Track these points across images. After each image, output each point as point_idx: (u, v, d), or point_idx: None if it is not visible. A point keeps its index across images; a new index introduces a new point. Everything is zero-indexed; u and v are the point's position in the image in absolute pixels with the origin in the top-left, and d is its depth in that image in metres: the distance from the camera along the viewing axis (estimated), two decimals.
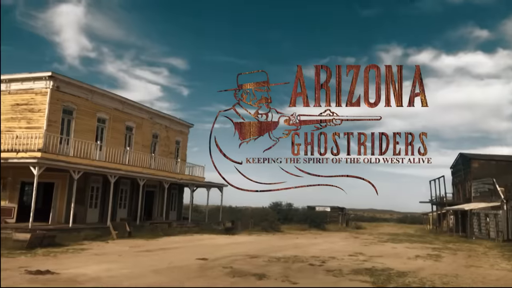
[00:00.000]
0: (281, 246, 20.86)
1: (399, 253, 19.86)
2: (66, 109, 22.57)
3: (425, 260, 16.95)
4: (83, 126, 23.47)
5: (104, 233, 20.40)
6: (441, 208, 47.00)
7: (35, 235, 15.31)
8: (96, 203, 24.39)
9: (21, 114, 21.84)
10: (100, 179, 24.23)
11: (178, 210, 33.55)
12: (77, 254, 14.25)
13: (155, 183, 29.30)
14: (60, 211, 22.06)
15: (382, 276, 11.93)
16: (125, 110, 27.03)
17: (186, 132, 34.84)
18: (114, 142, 25.66)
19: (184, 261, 13.69)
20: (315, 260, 15.30)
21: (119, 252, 15.46)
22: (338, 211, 53.73)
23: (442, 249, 22.90)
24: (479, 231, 35.64)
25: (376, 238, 31.68)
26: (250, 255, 16.14)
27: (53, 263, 11.75)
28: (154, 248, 17.37)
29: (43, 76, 21.64)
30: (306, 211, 49.38)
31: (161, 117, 31.26)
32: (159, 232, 23.65)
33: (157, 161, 29.25)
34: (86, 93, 23.80)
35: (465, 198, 42.79)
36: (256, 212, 43.11)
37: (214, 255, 15.67)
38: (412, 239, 31.91)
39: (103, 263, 12.31)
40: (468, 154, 45.00)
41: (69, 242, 16.97)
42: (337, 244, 24.25)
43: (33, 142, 20.47)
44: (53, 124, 21.60)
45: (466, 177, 43.14)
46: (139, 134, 28.46)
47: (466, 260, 17.61)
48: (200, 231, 27.84)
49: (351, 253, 18.64)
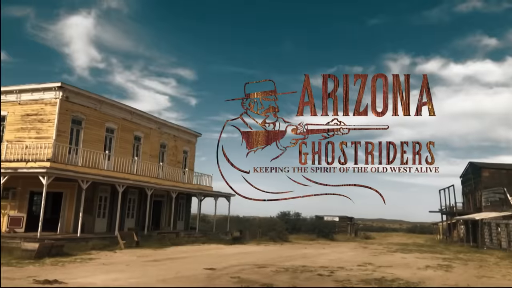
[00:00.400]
0: (289, 256, 20.70)
1: (409, 263, 19.61)
2: (75, 119, 22.77)
3: (436, 270, 16.70)
4: (91, 136, 23.64)
5: (112, 242, 20.43)
6: (451, 217, 46.46)
7: (43, 244, 15.35)
8: (104, 213, 24.45)
9: (31, 124, 22.07)
10: (108, 189, 24.33)
11: (186, 219, 33.51)
12: (85, 264, 14.26)
13: (162, 193, 29.34)
14: (69, 221, 22.14)
15: (391, 286, 11.77)
16: (133, 120, 27.20)
17: (193, 141, 34.93)
18: (122, 151, 25.80)
19: (192, 270, 13.63)
20: (323, 270, 15.15)
21: (126, 261, 15.45)
22: (346, 221, 53.37)
23: (453, 259, 22.58)
24: (490, 241, 35.12)
25: (385, 248, 31.35)
26: (258, 264, 16.04)
27: (61, 273, 11.76)
28: (161, 257, 17.33)
29: (52, 87, 21.88)
30: (314, 221, 49.12)
31: (169, 127, 31.40)
32: (166, 242, 23.62)
33: (165, 170, 29.32)
34: (95, 103, 24.02)
35: (475, 207, 42.28)
36: (264, 222, 42.91)
37: (222, 264, 15.59)
38: (422, 249, 31.53)
39: (110, 273, 12.30)
40: (478, 163, 44.53)
41: (77, 252, 17.00)
42: (345, 254, 24.02)
43: (42, 152, 20.64)
44: (62, 134, 21.78)
45: (476, 186, 42.67)
46: (147, 144, 28.60)
47: (478, 271, 17.32)
48: (207, 241, 27.77)
49: (360, 263, 18.44)
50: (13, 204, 22.08)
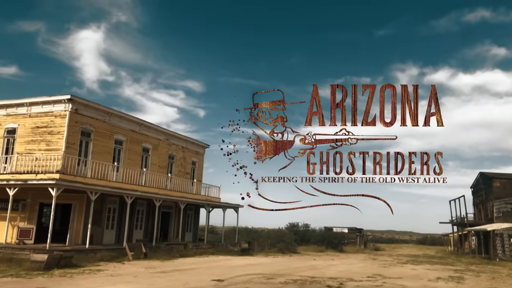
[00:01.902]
0: (297, 268, 20.51)
1: (419, 274, 19.32)
2: (84, 131, 22.96)
3: (447, 282, 16.43)
4: (100, 147, 23.80)
5: (120, 254, 20.42)
6: (462, 228, 45.84)
7: (52, 256, 15.39)
8: (113, 224, 24.48)
9: (41, 137, 22.29)
10: (117, 200, 24.40)
11: (194, 231, 33.44)
12: (93, 275, 14.25)
13: (171, 204, 29.35)
14: (77, 232, 22.21)
15: None
16: (142, 132, 27.37)
17: (201, 152, 35.01)
18: (130, 163, 25.92)
19: (200, 282, 13.55)
20: (332, 281, 14.98)
21: (134, 273, 15.41)
22: (356, 232, 52.85)
23: (465, 271, 22.22)
24: (503, 252, 34.53)
25: (395, 259, 30.96)
26: (266, 276, 15.91)
27: (69, 284, 11.76)
28: (169, 269, 17.27)
29: (62, 99, 22.13)
30: (323, 232, 48.73)
31: (177, 138, 31.53)
32: (174, 253, 23.56)
33: (173, 181, 29.37)
34: (103, 115, 24.22)
35: (487, 218, 41.69)
36: (273, 233, 42.69)
37: (230, 276, 15.49)
38: (432, 260, 31.08)
39: (118, 284, 12.27)
40: (488, 173, 44.03)
41: (86, 263, 17.01)
42: (355, 265, 23.74)
43: (52, 163, 20.80)
44: (72, 146, 21.96)
45: (487, 196, 42.12)
46: (155, 155, 28.71)
47: (490, 282, 17.01)
48: (216, 252, 27.64)
49: (369, 274, 18.21)
50: (22, 216, 22.21)
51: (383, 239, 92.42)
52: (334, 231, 50.23)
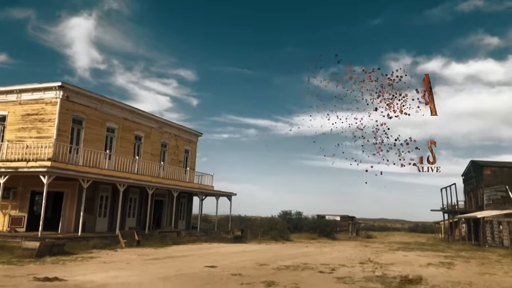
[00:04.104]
0: (290, 254, 20.65)
1: (411, 261, 19.54)
2: (75, 118, 22.76)
3: (438, 268, 16.64)
4: (92, 135, 23.63)
5: (113, 241, 20.41)
6: (453, 216, 46.36)
7: (44, 243, 15.32)
8: (105, 212, 24.43)
9: (31, 124, 22.06)
10: (109, 188, 24.31)
11: (187, 219, 33.48)
12: (85, 262, 14.23)
13: (164, 192, 29.32)
14: (70, 220, 22.14)
15: (393, 284, 11.71)
16: (134, 120, 27.19)
17: (194, 141, 34.91)
18: (123, 151, 25.80)
19: (193, 268, 13.59)
20: (325, 267, 15.10)
21: (127, 260, 15.41)
22: (348, 220, 53.30)
23: (455, 257, 22.51)
24: (492, 239, 35.03)
25: (387, 246, 31.28)
26: (259, 263, 15.99)
27: (61, 271, 11.73)
28: (162, 256, 17.29)
29: (53, 86, 21.88)
30: (315, 220, 49.03)
31: (170, 126, 31.38)
32: (168, 241, 23.59)
33: (166, 170, 29.31)
34: (95, 102, 24.00)
35: (477, 206, 42.18)
36: (266, 221, 42.85)
37: (223, 262, 15.55)
38: (423, 247, 31.45)
39: (111, 271, 12.26)
40: (479, 161, 44.44)
41: (78, 251, 16.98)
42: (347, 252, 23.96)
43: (43, 151, 20.64)
44: (63, 133, 21.77)
45: (478, 184, 42.57)
46: (148, 143, 28.58)
47: (480, 268, 17.26)
48: (209, 240, 27.73)
49: (361, 261, 18.39)
50: (14, 204, 22.09)
51: (375, 227, 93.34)
52: (327, 219, 50.60)
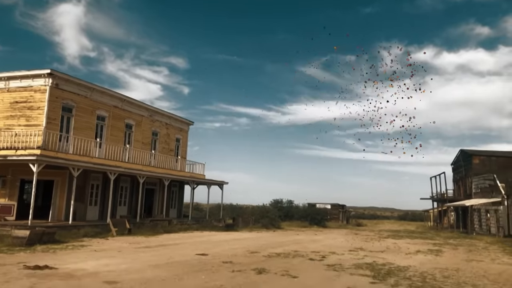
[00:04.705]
0: (281, 242, 20.81)
1: (400, 248, 19.81)
2: (65, 106, 22.52)
3: (426, 255, 16.90)
4: (82, 123, 23.43)
5: (104, 230, 20.38)
6: (442, 204, 46.95)
7: (34, 231, 15.26)
8: (96, 201, 24.36)
9: (20, 112, 21.79)
10: (100, 177, 24.20)
11: (179, 207, 33.52)
12: (76, 251, 14.21)
13: (155, 181, 29.27)
14: (60, 209, 22.03)
15: (382, 270, 11.88)
16: (124, 108, 26.98)
17: (186, 129, 34.79)
18: (113, 139, 25.63)
19: (184, 256, 13.64)
20: (315, 255, 15.25)
21: (118, 248, 15.42)
22: (338, 209, 53.74)
23: (443, 244, 22.86)
24: (479, 227, 35.59)
25: (377, 234, 31.64)
26: (250, 250, 16.10)
27: (51, 259, 11.71)
28: (154, 244, 17.32)
29: (42, 74, 21.58)
30: (306, 208, 49.39)
31: (161, 115, 31.20)
32: (159, 229, 23.62)
33: (157, 158, 29.22)
34: (85, 90, 23.75)
35: (466, 194, 42.74)
36: (257, 209, 43.07)
37: (214, 250, 15.63)
38: (413, 235, 31.87)
39: (102, 259, 12.27)
40: (469, 150, 44.93)
41: (69, 239, 16.94)
42: (337, 240, 24.20)
43: (32, 139, 20.43)
44: (53, 121, 21.55)
45: (467, 173, 43.09)
46: (138, 132, 28.42)
47: (467, 255, 17.56)
48: (200, 228, 27.82)
49: (351, 248, 18.60)
50: (3, 192, 21.93)
51: (365, 215, 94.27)
52: (317, 207, 50.97)
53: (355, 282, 9.78)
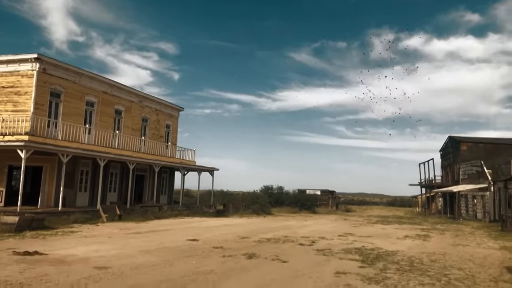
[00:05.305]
0: (271, 228, 20.97)
1: (388, 233, 20.09)
2: (53, 92, 22.22)
3: (414, 240, 17.17)
4: (71, 109, 23.17)
5: (94, 216, 20.34)
6: (430, 190, 47.56)
7: (24, 218, 15.17)
8: (86, 187, 24.25)
9: (7, 97, 21.46)
10: (90, 163, 24.06)
11: (169, 194, 33.52)
12: (66, 237, 14.18)
13: (145, 167, 29.18)
14: (49, 195, 21.90)
15: (371, 255, 12.05)
16: (113, 93, 26.71)
17: (176, 115, 34.60)
18: (103, 125, 25.42)
19: (175, 242, 13.69)
20: (305, 240, 15.41)
21: (109, 234, 15.41)
22: (328, 195, 54.23)
23: (431, 229, 23.23)
24: (466, 212, 36.19)
25: (366, 220, 32.02)
26: (240, 236, 16.21)
27: (41, 245, 11.67)
28: (144, 230, 17.35)
29: (29, 58, 21.22)
30: (296, 194, 49.71)
31: (151, 101, 30.96)
32: (149, 215, 23.64)
33: (147, 144, 29.08)
34: (73, 75, 23.44)
35: (453, 180, 43.31)
36: (248, 195, 43.25)
37: (205, 236, 15.71)
38: (401, 220, 32.30)
39: (92, 245, 12.26)
40: (457, 137, 45.41)
41: (59, 225, 16.88)
42: (327, 225, 24.46)
43: (20, 125, 20.17)
44: (41, 107, 21.27)
45: (455, 159, 43.60)
46: (128, 118, 28.21)
47: (454, 240, 17.88)
48: (191, 214, 27.90)
49: (340, 233, 18.82)
50: None
51: (354, 201, 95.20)
52: (307, 193, 51.35)
53: (344, 267, 9.92)
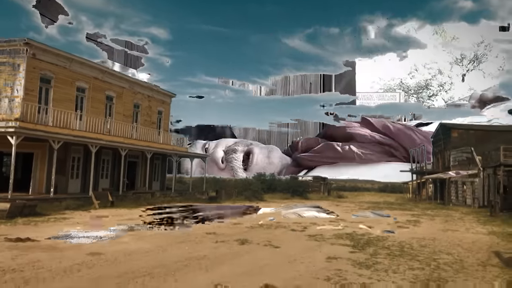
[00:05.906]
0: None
1: (379, 219, 20.30)
2: (43, 77, 21.94)
3: (404, 225, 17.38)
4: (62, 95, 22.93)
5: (86, 203, 20.31)
6: (421, 177, 48.01)
7: (15, 204, 15.12)
8: (78, 173, 24.15)
9: None
10: (81, 149, 23.93)
11: (162, 180, 33.51)
12: (58, 223, 14.17)
13: (137, 153, 29.09)
14: (41, 182, 21.79)
15: (362, 240, 12.21)
16: (105, 79, 26.44)
17: (168, 102, 34.40)
18: (94, 111, 25.22)
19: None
20: (297, 226, 15.55)
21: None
22: (320, 181, 54.47)
23: (421, 215, 23.50)
24: (456, 198, 36.67)
25: (357, 206, 32.27)
26: (232, 222, 16.32)
27: (33, 231, 11.67)
28: (137, 216, 17.37)
29: (18, 43, 20.87)
30: (288, 181, 49.89)
31: (142, 87, 30.73)
32: (142, 202, 23.66)
33: (139, 131, 28.94)
34: (64, 61, 23.14)
35: (444, 167, 43.71)
36: (240, 182, 43.34)
37: None
38: (392, 206, 32.60)
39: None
40: (448, 123, 45.75)
41: (50, 212, 16.85)
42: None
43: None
44: (30, 93, 21.02)
45: (445, 146, 43.95)
46: (120, 104, 28.00)
47: (443, 225, 18.13)
48: (183, 200, 27.93)
49: (332, 219, 18.99)
50: None
51: (346, 187, 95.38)
52: (300, 179, 51.60)
53: (335, 252, 10.05)
